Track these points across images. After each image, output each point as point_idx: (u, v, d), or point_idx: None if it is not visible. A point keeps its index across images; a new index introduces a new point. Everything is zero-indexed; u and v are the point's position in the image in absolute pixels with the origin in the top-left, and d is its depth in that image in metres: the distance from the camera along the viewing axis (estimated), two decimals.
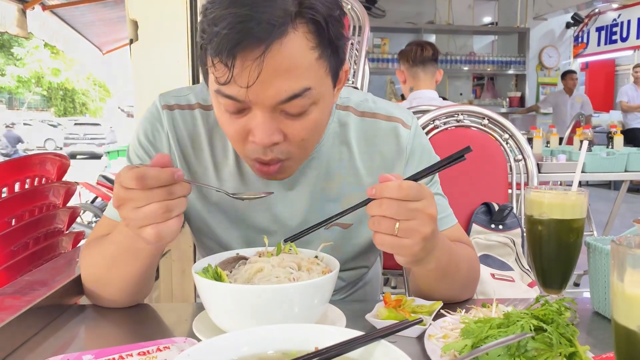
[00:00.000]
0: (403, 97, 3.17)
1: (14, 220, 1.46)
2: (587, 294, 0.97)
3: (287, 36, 0.72)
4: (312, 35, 0.75)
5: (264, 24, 0.70)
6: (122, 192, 0.71)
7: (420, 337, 0.78)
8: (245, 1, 0.71)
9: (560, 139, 4.03)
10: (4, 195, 1.47)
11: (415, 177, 0.76)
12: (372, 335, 0.53)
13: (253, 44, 0.70)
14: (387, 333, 0.54)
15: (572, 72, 7.51)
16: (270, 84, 0.73)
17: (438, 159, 1.06)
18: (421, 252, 0.76)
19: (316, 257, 0.84)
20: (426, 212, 0.73)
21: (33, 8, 4.00)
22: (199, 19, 0.77)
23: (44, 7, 4.23)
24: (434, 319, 0.82)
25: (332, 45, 0.78)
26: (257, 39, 0.70)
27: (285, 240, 0.84)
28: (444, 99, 3.12)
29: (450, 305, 0.90)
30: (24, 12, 3.89)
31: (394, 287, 3.45)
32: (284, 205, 0.98)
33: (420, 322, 0.63)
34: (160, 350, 0.71)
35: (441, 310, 0.85)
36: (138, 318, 0.91)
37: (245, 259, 0.84)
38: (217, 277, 0.78)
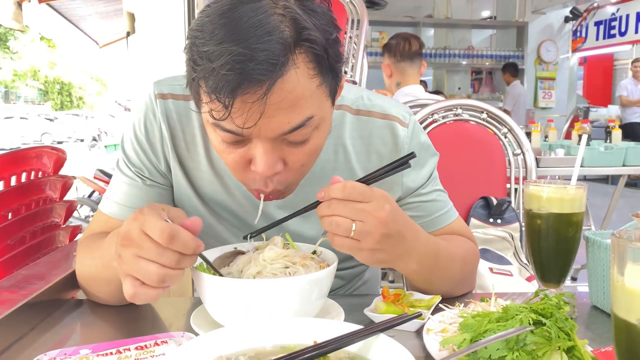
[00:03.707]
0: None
1: (10, 214, 1.45)
2: (584, 288, 0.98)
3: (288, 73, 0.69)
4: (312, 63, 0.72)
5: (264, 64, 0.66)
6: (136, 234, 0.67)
7: (419, 331, 0.78)
8: (240, 36, 0.66)
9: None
10: (0, 188, 1.46)
11: (364, 180, 0.76)
12: (372, 329, 0.53)
13: (255, 86, 0.67)
14: (386, 327, 0.54)
15: (506, 66, 7.51)
16: (272, 118, 0.70)
17: (437, 155, 1.04)
18: (386, 256, 0.77)
19: (314, 252, 0.84)
20: (374, 215, 0.73)
21: (29, 1, 3.97)
22: (198, 9, 0.74)
23: None
24: (433, 313, 0.82)
25: (332, 69, 0.75)
26: (258, 81, 0.67)
27: (245, 237, 0.84)
28: (440, 93, 3.14)
29: (449, 299, 0.90)
30: (19, 5, 3.86)
31: (392, 282, 3.46)
32: (278, 207, 0.97)
33: (419, 316, 0.63)
34: (158, 345, 0.71)
35: (440, 305, 0.84)
36: (135, 312, 0.91)
37: (243, 253, 0.84)
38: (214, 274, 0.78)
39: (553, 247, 0.86)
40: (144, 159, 0.96)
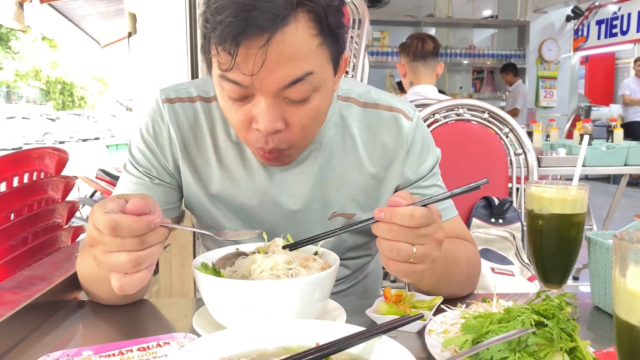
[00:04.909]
0: (402, 90, 3.15)
1: (12, 214, 1.45)
2: (585, 288, 0.98)
3: (289, 25, 0.73)
4: (313, 23, 0.76)
5: (267, 14, 0.71)
6: (94, 232, 0.69)
7: (421, 332, 0.78)
8: None
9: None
10: (2, 189, 1.46)
11: (426, 203, 0.75)
12: (374, 330, 0.53)
13: (257, 33, 0.72)
14: (388, 328, 0.54)
15: (507, 66, 7.49)
16: (273, 70, 0.75)
17: (439, 152, 1.07)
18: (428, 272, 0.77)
19: (316, 253, 0.84)
20: (435, 237, 0.74)
21: (31, 1, 3.97)
22: (200, 10, 0.77)
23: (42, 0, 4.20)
24: (434, 314, 0.82)
25: (332, 33, 0.79)
26: (261, 28, 0.72)
27: (285, 247, 0.82)
28: (442, 92, 3.10)
29: (451, 300, 0.90)
30: (21, 5, 3.85)
31: (393, 281, 3.46)
32: (286, 194, 0.99)
33: (421, 317, 0.63)
34: (160, 346, 0.71)
35: (441, 305, 0.84)
36: (138, 313, 0.91)
37: (245, 254, 0.84)
38: (217, 275, 0.78)
39: (555, 248, 0.86)
40: (152, 159, 0.98)
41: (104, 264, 0.70)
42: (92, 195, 5.60)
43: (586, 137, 0.92)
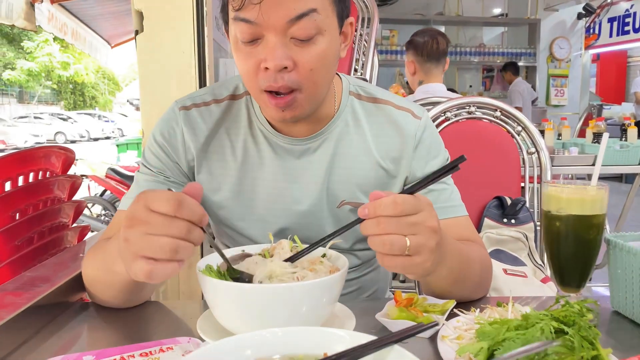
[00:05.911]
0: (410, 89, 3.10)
1: (18, 214, 1.44)
2: (600, 289, 0.94)
3: None
4: None
5: None
6: (143, 212, 0.65)
7: (433, 338, 0.75)
8: None
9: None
10: (7, 188, 1.45)
11: (411, 190, 0.72)
12: (385, 340, 0.50)
13: None
14: (400, 338, 0.51)
15: (506, 65, 7.39)
16: (280, 4, 0.79)
17: (447, 153, 1.07)
18: (431, 266, 0.73)
19: (324, 255, 0.81)
20: (427, 225, 0.70)
21: (41, 1, 3.97)
22: (207, 8, 0.79)
23: (52, 0, 4.20)
24: (447, 319, 0.79)
25: None
26: None
27: (288, 259, 0.78)
28: (453, 91, 3.06)
29: (464, 304, 0.87)
30: (32, 5, 3.86)
31: (403, 281, 3.42)
32: (297, 183, 1.00)
33: (435, 325, 0.60)
34: (163, 351, 0.69)
35: (454, 310, 0.81)
36: (142, 316, 0.89)
37: (251, 256, 0.82)
38: (222, 277, 0.75)
39: (573, 250, 0.82)
40: (165, 159, 1.01)
41: (136, 246, 0.65)
42: (102, 194, 5.62)
43: (605, 135, 0.89)
